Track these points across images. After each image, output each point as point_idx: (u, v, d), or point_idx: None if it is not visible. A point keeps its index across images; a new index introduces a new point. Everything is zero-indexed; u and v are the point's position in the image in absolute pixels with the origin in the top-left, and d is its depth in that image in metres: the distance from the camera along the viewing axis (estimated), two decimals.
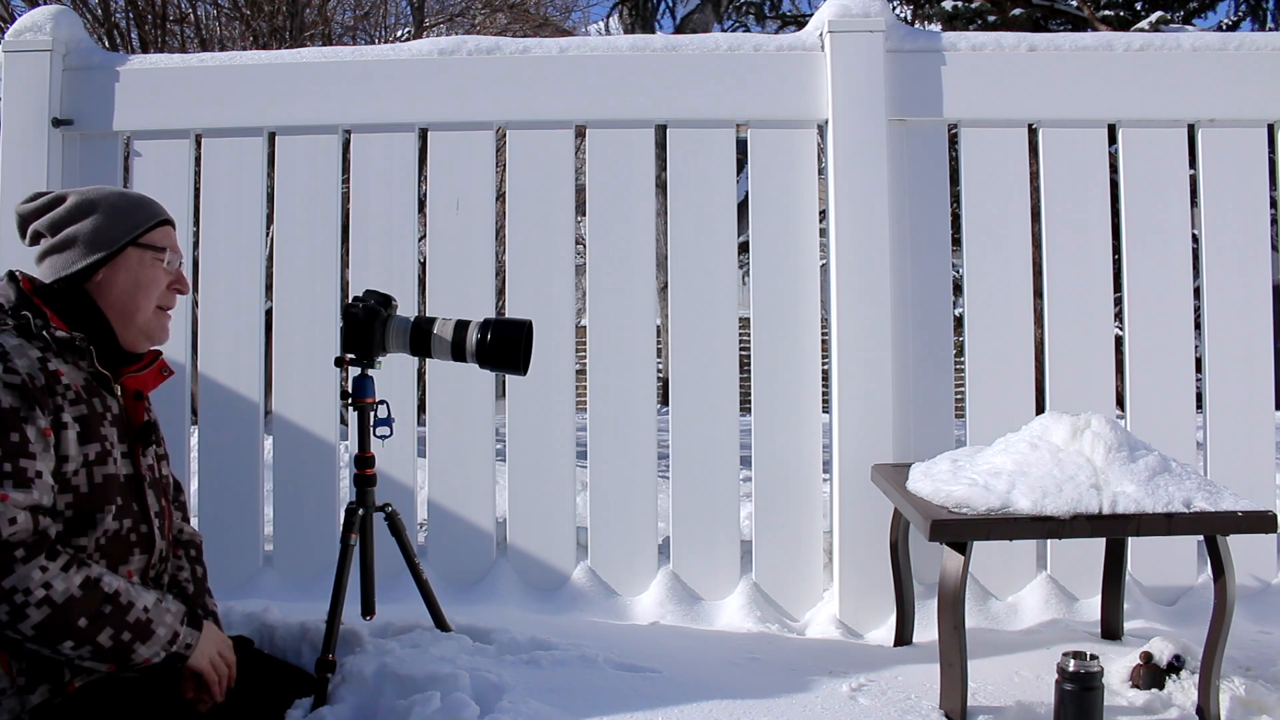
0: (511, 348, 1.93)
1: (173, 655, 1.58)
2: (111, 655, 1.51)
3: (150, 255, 1.70)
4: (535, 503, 2.74)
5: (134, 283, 1.68)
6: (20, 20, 2.80)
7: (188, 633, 1.61)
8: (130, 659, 1.53)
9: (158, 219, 1.73)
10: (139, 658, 1.54)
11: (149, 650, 1.55)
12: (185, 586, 1.82)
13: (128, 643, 1.52)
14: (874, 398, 2.60)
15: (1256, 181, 2.72)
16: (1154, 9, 9.00)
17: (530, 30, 10.86)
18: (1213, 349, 2.69)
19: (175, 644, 1.58)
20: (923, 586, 2.53)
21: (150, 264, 1.70)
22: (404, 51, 2.83)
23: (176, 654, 1.59)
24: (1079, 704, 1.81)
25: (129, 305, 1.67)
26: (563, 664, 2.08)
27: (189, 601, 1.78)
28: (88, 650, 1.49)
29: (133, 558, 1.64)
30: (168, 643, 1.57)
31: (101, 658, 1.51)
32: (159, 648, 1.56)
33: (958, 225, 2.74)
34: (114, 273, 1.67)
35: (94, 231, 1.65)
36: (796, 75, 2.72)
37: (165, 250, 1.72)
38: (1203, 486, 1.94)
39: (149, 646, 1.55)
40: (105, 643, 1.50)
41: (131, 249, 1.68)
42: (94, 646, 1.49)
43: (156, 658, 1.56)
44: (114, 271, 1.67)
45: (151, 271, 1.70)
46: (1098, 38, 2.76)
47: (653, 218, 2.77)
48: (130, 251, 1.68)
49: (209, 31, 8.43)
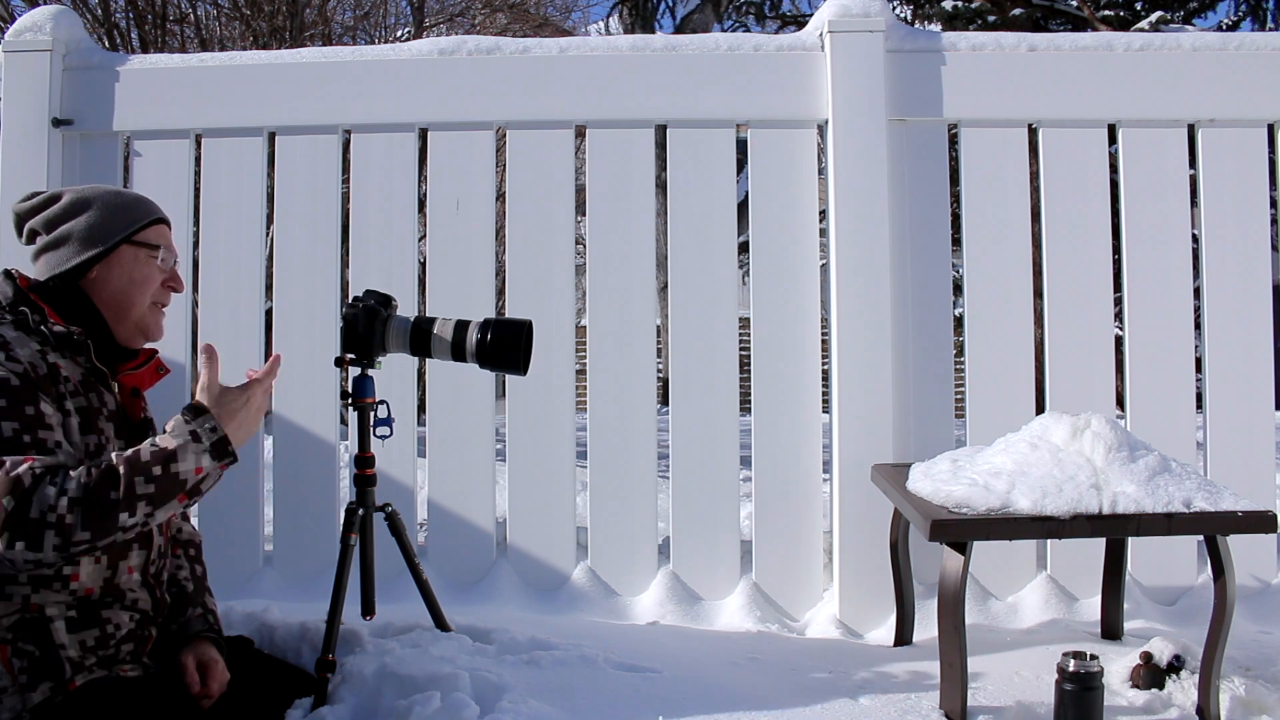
0: (511, 348, 1.93)
1: (217, 444, 1.55)
2: (163, 491, 1.50)
3: (144, 252, 1.71)
4: (535, 503, 2.74)
5: (128, 279, 1.69)
6: (20, 20, 2.80)
7: (202, 421, 1.56)
8: (184, 481, 1.51)
9: (152, 217, 1.74)
10: (188, 472, 1.51)
11: (190, 463, 1.52)
12: (185, 585, 1.82)
13: (169, 472, 1.50)
14: (874, 398, 2.60)
15: (1256, 181, 2.72)
16: (1154, 9, 9.01)
17: (530, 30, 10.87)
18: (1213, 349, 2.69)
19: (203, 437, 1.54)
20: (923, 586, 2.53)
21: (144, 261, 1.71)
22: (404, 51, 2.83)
23: (218, 442, 1.55)
24: (1079, 704, 1.80)
25: (123, 301, 1.69)
26: (563, 664, 2.08)
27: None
28: (143, 506, 1.48)
29: (131, 553, 1.65)
30: (195, 439, 1.54)
31: (162, 499, 1.50)
32: (196, 453, 1.53)
33: (958, 225, 2.74)
34: (108, 269, 1.68)
35: (88, 229, 1.67)
36: (796, 75, 2.72)
37: (159, 248, 1.73)
38: (1203, 486, 1.94)
39: (186, 460, 1.52)
40: (150, 489, 1.48)
41: (125, 246, 1.69)
42: (145, 499, 1.48)
43: (205, 462, 1.53)
44: (108, 268, 1.68)
45: (145, 269, 1.71)
46: (1098, 38, 2.76)
47: (653, 218, 2.77)
48: (124, 249, 1.69)
49: (209, 31, 8.43)
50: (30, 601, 1.54)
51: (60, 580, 1.56)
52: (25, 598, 1.54)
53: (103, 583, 1.61)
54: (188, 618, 1.78)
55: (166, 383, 1.86)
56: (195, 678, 1.69)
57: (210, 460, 1.54)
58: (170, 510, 1.53)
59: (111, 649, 1.61)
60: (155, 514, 1.51)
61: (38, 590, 1.54)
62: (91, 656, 1.58)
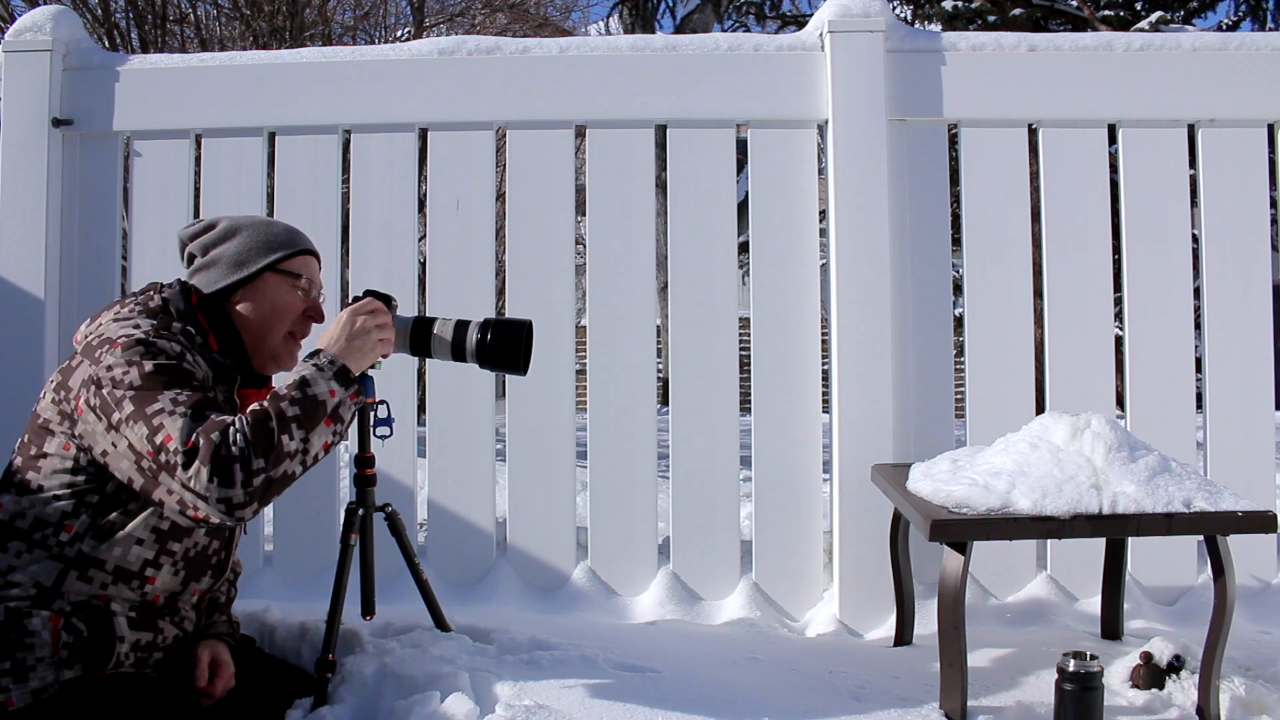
0: (511, 348, 1.92)
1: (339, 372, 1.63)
2: (308, 413, 1.56)
3: (288, 281, 1.79)
4: (535, 503, 2.74)
5: (270, 306, 1.76)
6: (20, 20, 2.80)
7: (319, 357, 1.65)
8: (324, 403, 1.58)
9: (298, 248, 1.82)
10: (324, 395, 1.59)
11: (322, 386, 1.60)
12: (218, 599, 1.87)
13: (307, 395, 1.57)
14: (874, 398, 2.60)
15: (1256, 181, 2.72)
16: (1154, 9, 9.01)
17: (530, 30, 10.86)
18: (1213, 349, 2.69)
19: (325, 368, 1.62)
20: (923, 586, 2.53)
21: (287, 290, 1.79)
22: (404, 51, 2.83)
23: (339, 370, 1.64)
24: (1079, 704, 1.80)
25: (262, 328, 1.76)
26: (563, 664, 2.08)
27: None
28: (297, 429, 1.54)
29: (204, 577, 1.73)
30: (318, 369, 1.62)
31: (310, 420, 1.56)
32: (325, 379, 1.61)
33: (958, 225, 2.74)
34: (251, 294, 1.76)
35: (237, 254, 1.76)
36: (796, 75, 2.72)
37: (302, 277, 1.81)
38: (1203, 486, 1.94)
39: (318, 384, 1.59)
40: (297, 410, 1.55)
41: (270, 274, 1.77)
42: (295, 421, 1.54)
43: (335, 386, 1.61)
44: (251, 293, 1.76)
45: (287, 297, 1.79)
46: (1098, 38, 2.76)
47: (653, 218, 2.77)
48: (269, 276, 1.77)
49: (209, 31, 8.43)
50: (104, 591, 1.60)
51: (139, 579, 1.63)
52: (103, 585, 1.60)
53: (169, 595, 1.68)
54: (213, 621, 1.84)
55: None
56: (205, 673, 1.74)
57: (339, 385, 1.62)
58: (322, 436, 1.58)
59: (149, 654, 1.68)
60: (310, 438, 1.56)
61: (116, 583, 1.61)
62: (134, 655, 1.64)
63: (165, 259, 2.76)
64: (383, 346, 1.76)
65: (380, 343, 1.75)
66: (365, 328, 1.72)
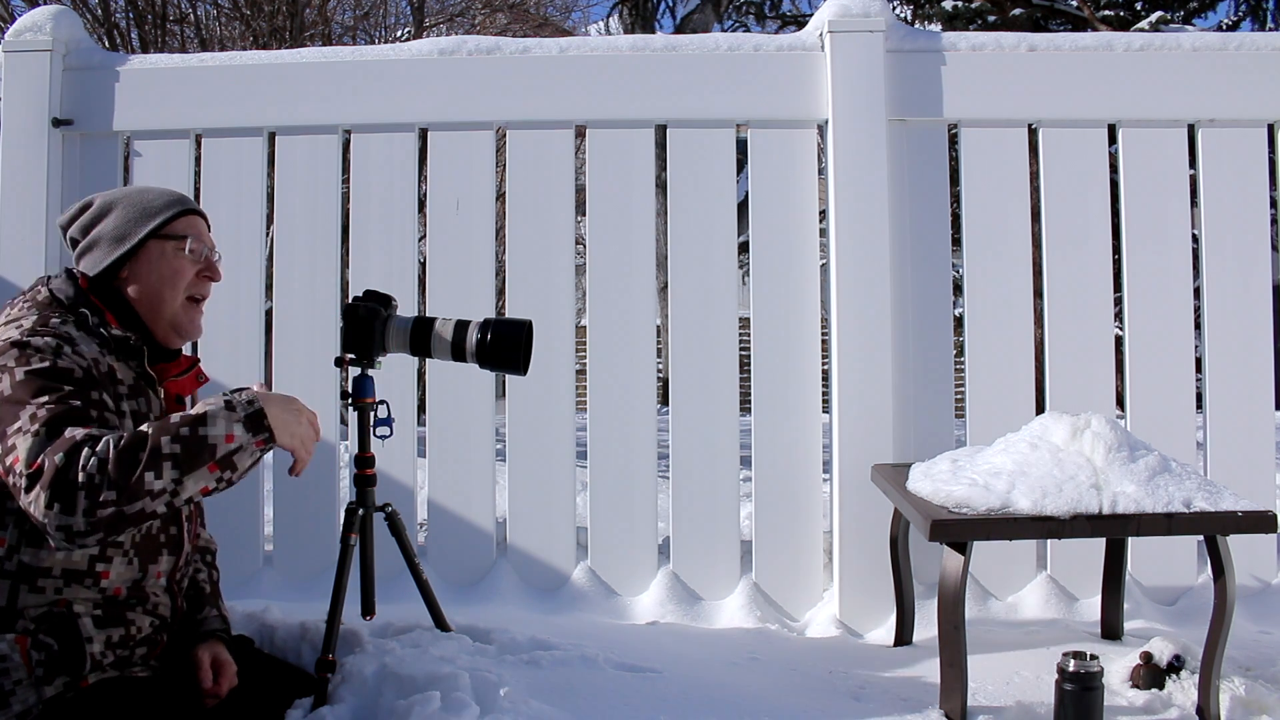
0: (511, 348, 1.93)
1: (252, 416, 1.51)
2: (190, 454, 1.44)
3: (171, 245, 1.71)
4: (535, 503, 2.74)
5: (158, 275, 1.70)
6: (20, 20, 2.80)
7: (240, 394, 1.54)
8: (214, 447, 1.46)
9: (176, 209, 1.74)
10: (217, 438, 1.47)
11: (220, 428, 1.47)
12: (203, 587, 1.85)
13: (197, 435, 1.45)
14: (874, 398, 2.60)
15: (1256, 181, 2.72)
16: (1154, 9, 9.01)
17: (530, 30, 10.87)
18: (1213, 349, 2.69)
19: (238, 407, 1.50)
20: (923, 586, 2.53)
21: (172, 254, 1.71)
22: (404, 51, 2.83)
23: (253, 414, 1.51)
24: (1079, 704, 1.81)
25: (155, 298, 1.70)
26: (563, 664, 2.08)
27: None
28: (170, 469, 1.42)
29: (161, 558, 1.67)
30: (229, 407, 1.50)
31: (190, 463, 1.44)
32: (228, 420, 1.48)
33: (958, 225, 2.74)
34: (137, 267, 1.70)
35: (115, 228, 1.70)
36: (796, 75, 2.72)
37: (187, 239, 1.73)
38: (1203, 486, 1.94)
39: (216, 425, 1.47)
40: (177, 448, 1.44)
41: (152, 241, 1.70)
42: (171, 460, 1.43)
43: (238, 431, 1.48)
44: (137, 266, 1.70)
45: (175, 262, 1.71)
46: (1098, 38, 2.76)
47: (653, 218, 2.77)
48: (150, 244, 1.70)
49: (209, 31, 8.43)
50: (60, 598, 1.56)
51: (91, 577, 1.58)
52: (57, 590, 1.55)
53: (131, 584, 1.63)
54: (204, 616, 1.81)
55: None
56: (209, 675, 1.71)
57: (243, 430, 1.49)
58: (201, 480, 1.46)
59: (129, 650, 1.63)
60: (184, 481, 1.44)
61: (69, 585, 1.56)
62: (111, 654, 1.59)
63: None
64: (307, 441, 1.61)
65: (307, 440, 1.61)
66: (312, 425, 1.62)
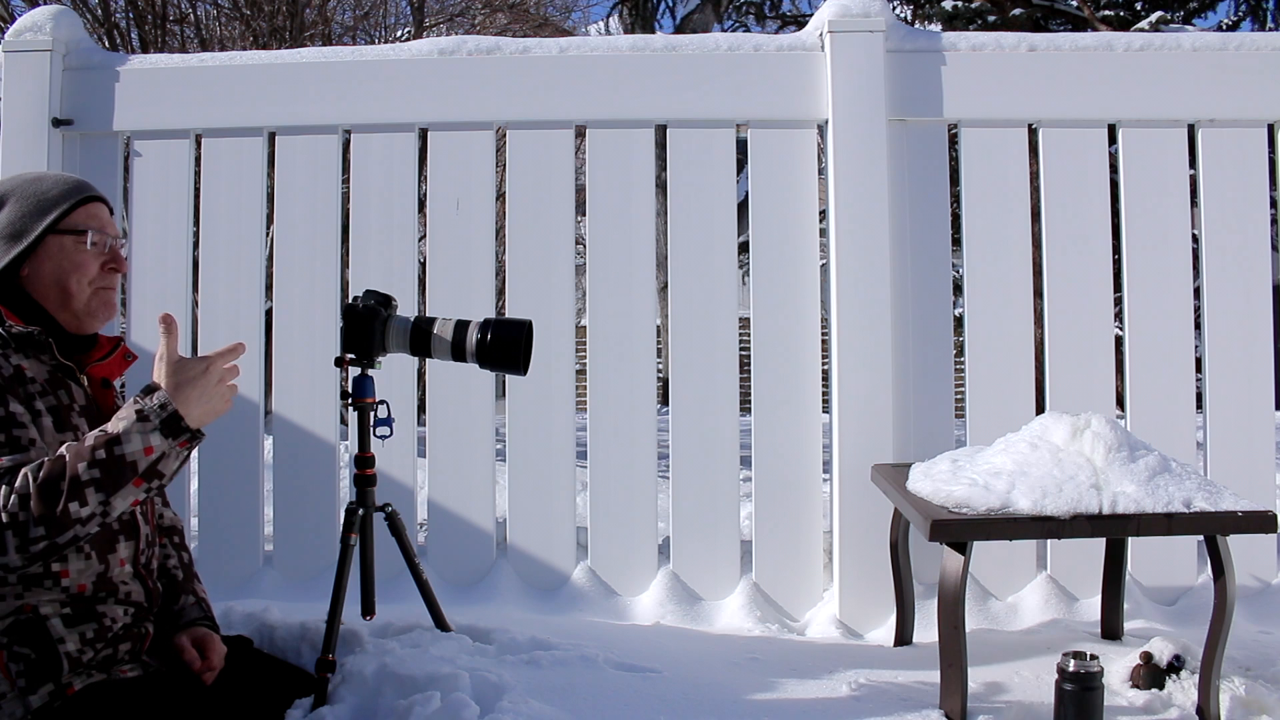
0: (511, 348, 1.93)
1: (167, 421, 1.46)
2: (111, 477, 1.41)
3: (71, 239, 1.62)
4: (535, 503, 2.74)
5: (59, 270, 1.61)
6: (20, 20, 2.80)
7: (152, 399, 1.47)
8: (134, 464, 1.43)
9: (73, 199, 1.64)
10: (136, 454, 1.43)
11: (136, 444, 1.43)
12: (174, 573, 1.82)
13: (114, 455, 1.42)
14: (874, 398, 2.60)
15: (1256, 181, 2.72)
16: (1154, 9, 9.01)
17: (530, 30, 10.86)
18: (1213, 349, 2.69)
19: (151, 415, 1.46)
20: (923, 586, 2.53)
21: (73, 249, 1.62)
22: (404, 51, 2.83)
23: (168, 419, 1.46)
24: (1079, 704, 1.80)
25: (62, 294, 1.62)
26: (563, 664, 2.08)
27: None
28: (94, 493, 1.40)
29: (119, 545, 1.62)
30: (141, 418, 1.46)
31: (113, 485, 1.41)
32: (144, 433, 1.45)
33: (958, 225, 2.74)
34: (38, 264, 1.60)
35: (9, 224, 1.60)
36: (796, 75, 2.72)
37: (87, 232, 1.63)
38: (1203, 486, 1.94)
39: (132, 442, 1.44)
40: (96, 473, 1.41)
41: (50, 237, 1.61)
42: (93, 485, 1.41)
43: (156, 440, 1.45)
44: (38, 262, 1.60)
45: (76, 256, 1.62)
46: (1098, 38, 2.76)
47: (653, 218, 2.77)
48: (49, 240, 1.61)
49: (209, 31, 8.43)
50: (24, 603, 1.52)
51: (51, 578, 1.53)
52: (19, 597, 1.52)
53: (95, 578, 1.58)
54: (182, 605, 1.79)
55: (142, 367, 1.84)
56: (194, 654, 1.70)
57: (162, 438, 1.45)
58: (129, 496, 1.44)
59: (109, 646, 1.59)
60: (112, 501, 1.43)
61: (30, 589, 1.52)
62: (90, 650, 1.56)
63: (165, 259, 2.76)
64: (226, 400, 1.55)
65: (225, 399, 1.55)
66: (227, 383, 1.55)
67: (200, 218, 2.79)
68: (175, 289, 2.75)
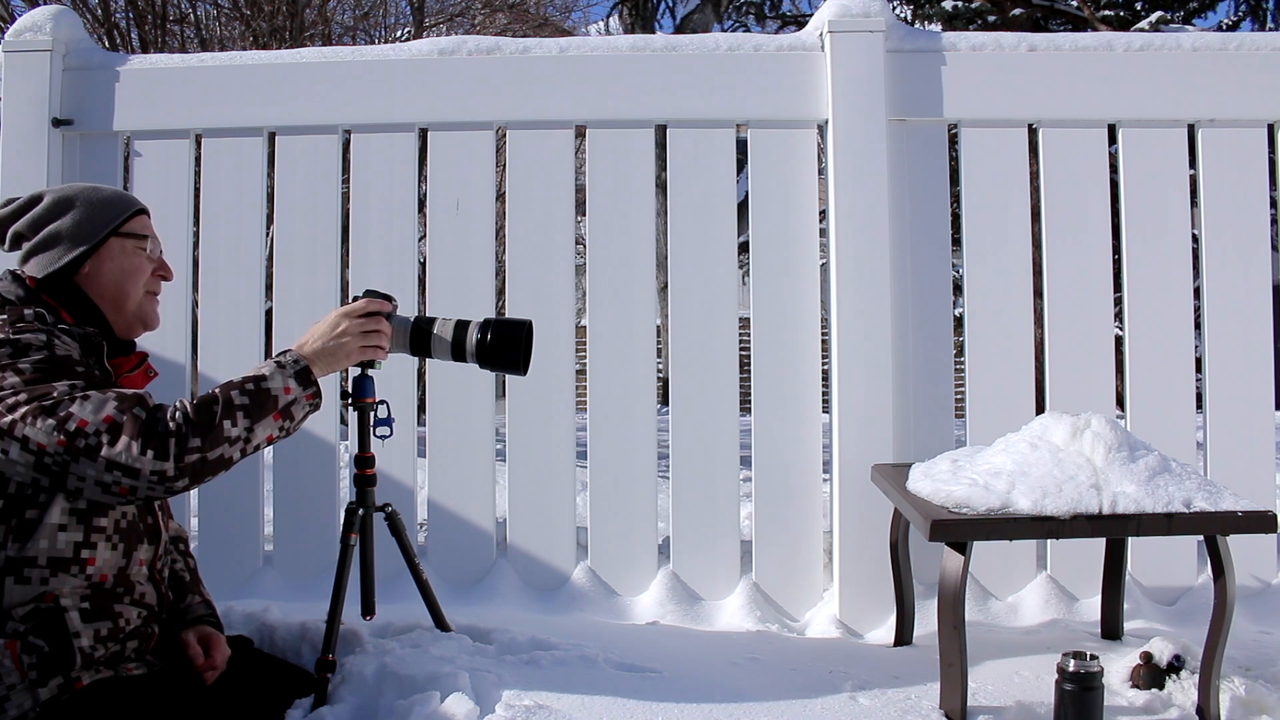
0: (511, 348, 1.92)
1: (300, 372, 1.66)
2: (258, 404, 1.59)
3: (132, 243, 1.75)
4: (535, 503, 2.74)
5: (120, 271, 1.73)
6: (20, 20, 2.80)
7: (286, 353, 1.68)
8: (276, 398, 1.61)
9: (134, 208, 1.77)
10: (278, 390, 1.62)
11: (278, 381, 1.62)
12: (182, 576, 1.87)
13: (261, 388, 1.60)
14: (874, 398, 2.60)
15: (1256, 181, 2.72)
16: (1154, 9, 9.02)
17: (530, 30, 10.86)
18: (1213, 349, 2.69)
19: (287, 365, 1.66)
20: (923, 586, 2.53)
21: (133, 252, 1.75)
22: (404, 51, 2.83)
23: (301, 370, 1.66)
24: (1079, 704, 1.80)
25: (119, 293, 1.73)
26: (563, 664, 2.08)
27: None
28: (242, 417, 1.57)
29: (142, 546, 1.69)
30: (280, 366, 1.65)
31: (258, 412, 1.59)
32: (283, 376, 1.64)
33: (958, 225, 2.74)
34: (100, 263, 1.71)
35: (75, 225, 1.70)
36: (796, 75, 2.72)
37: (146, 238, 1.77)
38: (1203, 486, 1.94)
39: (275, 380, 1.62)
40: (246, 400, 1.58)
41: (114, 239, 1.73)
42: (242, 410, 1.57)
43: (292, 384, 1.64)
44: (100, 262, 1.71)
45: (135, 259, 1.75)
46: (1098, 38, 2.76)
47: (653, 218, 2.77)
48: (113, 241, 1.73)
49: (209, 31, 8.43)
50: (47, 590, 1.56)
51: (78, 564, 1.58)
52: (44, 581, 1.56)
53: (116, 571, 1.63)
54: (188, 604, 1.84)
55: (169, 384, 1.87)
56: (198, 650, 1.74)
57: (296, 384, 1.64)
58: (267, 429, 1.60)
59: (120, 644, 1.63)
60: (254, 429, 1.58)
61: (55, 574, 1.56)
62: (102, 648, 1.59)
63: (165, 259, 2.75)
64: (366, 353, 1.78)
65: (363, 349, 1.77)
66: (346, 332, 1.74)
67: (200, 218, 2.80)
68: (175, 289, 2.74)
